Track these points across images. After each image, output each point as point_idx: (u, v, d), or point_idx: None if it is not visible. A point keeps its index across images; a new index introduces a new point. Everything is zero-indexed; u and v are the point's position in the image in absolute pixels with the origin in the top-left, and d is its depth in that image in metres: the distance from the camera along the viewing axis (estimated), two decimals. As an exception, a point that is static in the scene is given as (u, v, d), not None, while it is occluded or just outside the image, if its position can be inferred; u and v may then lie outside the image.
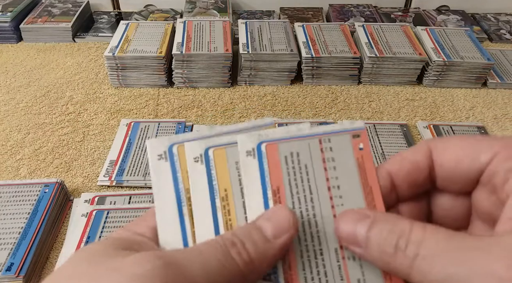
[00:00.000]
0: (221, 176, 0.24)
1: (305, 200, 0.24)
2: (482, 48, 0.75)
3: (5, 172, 0.56)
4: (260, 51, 0.71)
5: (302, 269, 0.23)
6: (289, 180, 0.24)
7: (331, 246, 0.23)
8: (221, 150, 0.24)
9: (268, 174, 0.24)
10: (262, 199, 0.24)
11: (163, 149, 0.24)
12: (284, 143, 0.25)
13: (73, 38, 0.86)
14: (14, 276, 0.42)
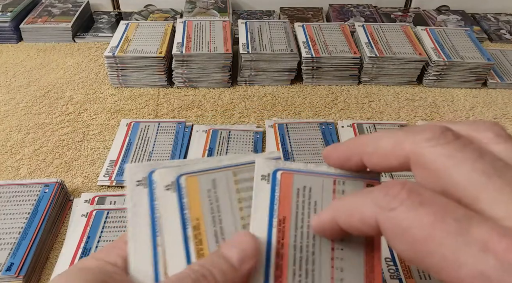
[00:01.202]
0: (193, 205, 0.24)
1: (307, 236, 0.24)
2: (482, 48, 0.75)
3: (5, 172, 0.56)
4: (260, 51, 0.71)
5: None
6: (296, 212, 0.24)
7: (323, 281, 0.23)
8: (193, 177, 0.24)
9: (277, 202, 0.24)
10: (266, 226, 0.24)
11: (143, 175, 0.24)
12: (299, 175, 0.25)
13: (73, 38, 0.86)
14: (14, 276, 0.42)
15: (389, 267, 0.44)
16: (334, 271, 0.24)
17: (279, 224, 0.24)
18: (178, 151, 0.58)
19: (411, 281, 0.43)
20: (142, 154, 0.58)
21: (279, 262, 0.23)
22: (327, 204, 0.24)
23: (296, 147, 0.59)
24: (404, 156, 0.20)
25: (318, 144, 0.60)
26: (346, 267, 0.24)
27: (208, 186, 0.24)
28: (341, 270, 0.24)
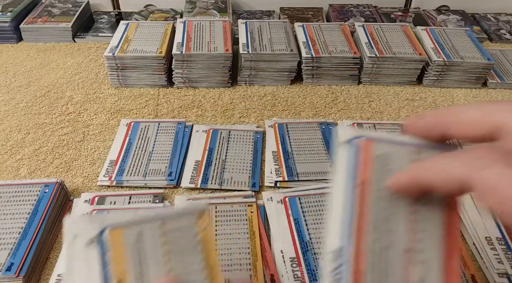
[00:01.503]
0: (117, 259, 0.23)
1: (386, 199, 0.25)
2: (482, 48, 0.75)
3: (5, 172, 0.56)
4: (260, 51, 0.71)
5: (370, 256, 0.24)
6: (375, 177, 0.25)
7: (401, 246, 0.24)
8: (118, 230, 0.24)
9: (358, 166, 0.26)
10: (346, 188, 0.25)
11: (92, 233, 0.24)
12: (380, 143, 0.26)
13: (73, 38, 0.86)
14: (14, 276, 0.42)
15: (389, 267, 0.44)
16: (413, 232, 0.25)
17: (359, 186, 0.25)
18: (178, 151, 0.58)
19: (411, 281, 0.43)
20: (142, 154, 0.58)
21: (359, 221, 0.25)
22: None
23: (296, 147, 0.59)
24: (494, 125, 0.22)
25: (318, 144, 0.60)
26: (424, 229, 0.25)
27: (133, 239, 0.24)
28: (419, 231, 0.25)
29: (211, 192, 0.54)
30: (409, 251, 0.25)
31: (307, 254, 0.45)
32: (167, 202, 0.52)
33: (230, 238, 0.47)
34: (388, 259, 0.24)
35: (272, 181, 0.55)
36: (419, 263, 0.24)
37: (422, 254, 0.25)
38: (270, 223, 0.49)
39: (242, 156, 0.58)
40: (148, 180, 0.54)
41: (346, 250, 0.24)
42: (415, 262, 0.25)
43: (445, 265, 0.25)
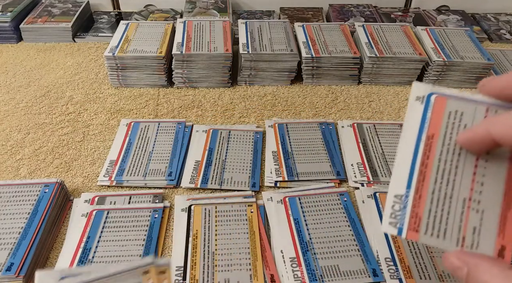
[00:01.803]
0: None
1: (453, 152, 0.27)
2: (482, 48, 0.75)
3: (5, 172, 0.56)
4: (260, 51, 0.71)
5: (429, 203, 0.27)
6: (445, 132, 0.28)
7: (461, 196, 0.27)
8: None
9: (428, 121, 0.28)
10: (415, 140, 0.28)
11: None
12: (453, 100, 0.28)
13: (73, 38, 0.86)
14: (14, 276, 0.42)
15: (389, 267, 0.44)
16: (475, 184, 0.27)
17: (427, 139, 0.28)
18: (178, 151, 0.58)
19: (411, 281, 0.43)
20: (142, 154, 0.58)
21: (423, 170, 0.27)
22: None
23: (296, 147, 0.59)
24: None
25: (318, 144, 0.60)
26: (487, 182, 0.27)
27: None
28: (482, 184, 0.27)
29: (211, 192, 0.54)
30: (468, 201, 0.27)
31: (307, 254, 0.45)
32: (167, 202, 0.52)
33: (230, 238, 0.47)
34: (446, 208, 0.27)
35: (272, 181, 0.55)
36: (476, 213, 0.27)
37: (480, 205, 0.27)
38: (270, 223, 0.49)
39: (242, 156, 0.58)
40: (148, 180, 0.54)
41: (407, 196, 0.27)
42: (472, 211, 0.27)
43: (502, 218, 0.27)
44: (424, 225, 0.27)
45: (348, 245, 0.46)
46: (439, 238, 0.27)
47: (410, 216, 0.27)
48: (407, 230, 0.27)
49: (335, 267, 0.44)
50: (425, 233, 0.26)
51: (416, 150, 0.28)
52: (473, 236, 0.27)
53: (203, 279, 0.43)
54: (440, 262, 0.44)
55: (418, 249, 0.46)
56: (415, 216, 0.27)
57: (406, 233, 0.26)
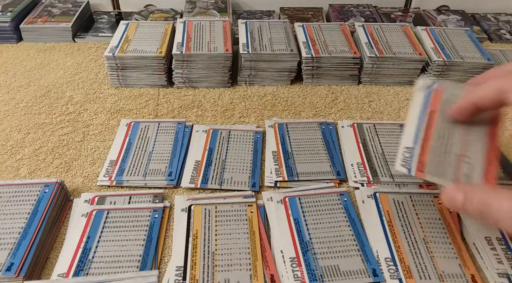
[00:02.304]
0: None
1: (448, 122, 0.40)
2: (482, 48, 0.75)
3: (5, 172, 0.56)
4: (260, 51, 0.71)
5: (432, 154, 0.38)
6: (441, 108, 0.41)
7: (454, 151, 0.39)
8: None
9: (430, 101, 0.42)
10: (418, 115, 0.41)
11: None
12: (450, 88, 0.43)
13: (73, 38, 0.86)
14: (14, 276, 0.42)
15: (389, 267, 0.44)
16: (464, 143, 0.39)
17: (430, 113, 0.41)
18: (178, 151, 0.58)
19: (411, 281, 0.43)
20: (142, 154, 0.58)
21: (427, 132, 0.40)
22: None
23: (296, 147, 0.59)
24: None
25: (318, 144, 0.60)
26: (473, 142, 0.39)
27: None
28: (468, 143, 0.39)
29: (211, 192, 0.54)
30: (460, 156, 0.39)
31: (307, 254, 0.45)
32: (167, 202, 0.52)
33: (230, 238, 0.47)
34: (444, 158, 0.38)
35: (272, 181, 0.55)
36: (466, 164, 0.38)
37: (469, 158, 0.39)
38: (270, 223, 0.49)
39: (242, 156, 0.58)
40: (148, 180, 0.54)
41: (415, 148, 0.39)
42: (463, 163, 0.38)
43: (486, 168, 0.38)
44: (428, 168, 0.37)
45: (348, 245, 0.46)
46: (439, 178, 0.37)
47: (418, 161, 0.38)
48: (415, 170, 0.37)
49: (335, 267, 0.44)
50: (428, 173, 0.37)
51: (422, 119, 0.41)
52: (466, 179, 0.37)
53: (203, 279, 0.43)
54: (440, 262, 0.44)
55: (418, 249, 0.46)
56: (421, 162, 0.38)
57: (414, 172, 0.37)
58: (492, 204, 0.33)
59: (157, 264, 0.45)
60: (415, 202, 0.50)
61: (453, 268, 0.44)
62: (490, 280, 0.44)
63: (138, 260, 0.45)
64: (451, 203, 0.36)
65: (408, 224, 0.48)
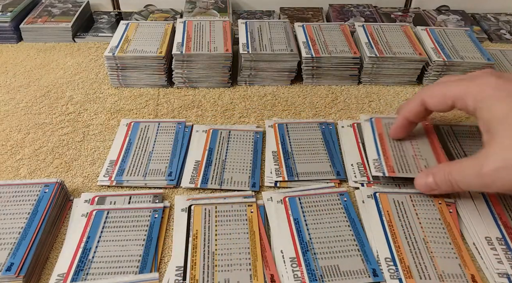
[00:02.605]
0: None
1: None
2: (482, 48, 0.75)
3: (5, 172, 0.56)
4: (260, 51, 0.71)
5: (394, 159, 0.53)
6: (385, 131, 0.57)
7: (409, 154, 0.53)
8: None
9: (376, 128, 0.58)
10: (373, 135, 0.57)
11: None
12: (385, 119, 0.59)
13: (73, 38, 0.86)
14: (14, 276, 0.42)
15: (389, 267, 0.44)
16: (414, 148, 0.54)
17: (378, 135, 0.56)
18: (178, 151, 0.58)
19: (411, 281, 0.43)
20: (142, 154, 0.58)
21: (384, 149, 0.54)
22: None
23: (296, 147, 0.59)
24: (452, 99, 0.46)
25: (318, 144, 0.60)
26: (420, 146, 0.54)
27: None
28: (418, 147, 0.54)
29: (211, 192, 0.54)
30: (415, 156, 0.53)
31: (307, 254, 0.45)
32: (167, 202, 0.52)
33: (230, 238, 0.47)
34: (404, 160, 0.52)
35: (272, 181, 0.55)
36: (422, 160, 0.52)
37: (422, 156, 0.53)
38: (270, 223, 0.49)
39: (242, 156, 0.58)
40: (148, 180, 0.54)
41: (380, 158, 0.53)
42: (420, 160, 0.52)
43: (436, 157, 0.53)
44: (396, 168, 0.52)
45: (348, 245, 0.46)
46: (408, 173, 0.51)
47: (387, 166, 0.52)
48: (388, 172, 0.51)
49: (335, 267, 0.44)
50: (398, 172, 0.51)
51: (375, 139, 0.56)
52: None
53: (203, 279, 0.43)
54: (440, 262, 0.44)
55: (418, 249, 0.46)
56: (389, 166, 0.52)
57: (388, 174, 0.51)
58: (455, 170, 0.43)
59: (157, 264, 0.45)
60: (415, 202, 0.50)
61: (453, 268, 0.44)
62: (490, 280, 0.44)
63: (138, 260, 0.45)
64: (426, 186, 0.47)
65: (408, 224, 0.48)
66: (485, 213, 0.48)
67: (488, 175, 0.38)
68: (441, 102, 0.45)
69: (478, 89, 0.41)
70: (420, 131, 0.56)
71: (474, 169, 0.40)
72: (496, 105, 0.39)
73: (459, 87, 0.43)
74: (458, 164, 0.43)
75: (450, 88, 0.44)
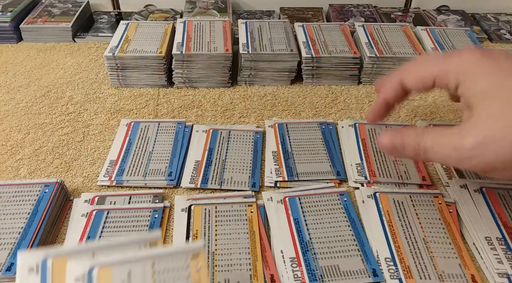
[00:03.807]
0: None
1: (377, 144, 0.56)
2: (482, 48, 0.75)
3: (5, 172, 0.56)
4: (260, 51, 0.71)
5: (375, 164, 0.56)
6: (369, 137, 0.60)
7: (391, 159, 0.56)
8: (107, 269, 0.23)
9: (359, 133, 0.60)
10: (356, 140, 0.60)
11: (36, 262, 0.23)
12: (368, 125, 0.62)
13: (73, 38, 0.86)
14: (14, 276, 0.42)
15: (389, 267, 0.44)
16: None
17: (362, 141, 0.59)
18: (178, 151, 0.58)
19: (411, 281, 0.43)
20: (142, 154, 0.58)
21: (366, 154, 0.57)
22: None
23: (296, 147, 0.59)
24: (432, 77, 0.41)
25: (318, 144, 0.60)
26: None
27: (123, 278, 0.23)
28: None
29: (211, 192, 0.54)
30: (395, 161, 0.55)
31: (307, 254, 0.45)
32: (167, 202, 0.52)
33: (230, 238, 0.47)
34: (385, 164, 0.55)
35: (272, 181, 0.55)
36: (402, 165, 0.55)
37: (402, 161, 0.56)
38: (270, 223, 0.49)
39: (242, 156, 0.58)
40: (148, 180, 0.54)
41: (363, 163, 0.56)
42: (399, 165, 0.55)
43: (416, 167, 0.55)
44: (378, 173, 0.54)
45: (348, 245, 0.46)
46: (386, 178, 0.53)
47: (368, 170, 0.54)
48: (369, 177, 0.54)
49: (335, 267, 0.44)
50: (379, 177, 0.53)
51: (359, 144, 0.59)
52: (405, 174, 0.54)
53: (203, 279, 0.43)
54: (440, 262, 0.44)
55: (418, 249, 0.46)
56: (371, 170, 0.55)
57: (369, 178, 0.54)
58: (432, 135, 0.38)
59: (157, 264, 0.45)
60: (415, 202, 0.50)
61: (453, 268, 0.44)
62: (490, 280, 0.44)
63: (138, 260, 0.45)
64: (390, 145, 0.40)
65: (408, 224, 0.48)
66: (485, 213, 0.48)
67: (467, 149, 0.34)
68: (421, 81, 0.41)
69: (459, 65, 0.38)
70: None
71: (453, 140, 0.36)
72: (478, 80, 0.36)
73: (439, 65, 0.39)
74: (436, 131, 0.38)
75: (430, 66, 0.40)
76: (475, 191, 0.51)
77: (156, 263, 0.24)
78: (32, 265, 0.23)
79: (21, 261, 0.23)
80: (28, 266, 0.23)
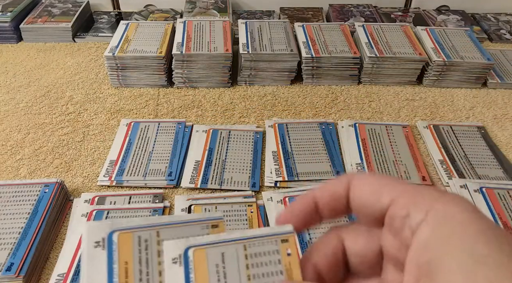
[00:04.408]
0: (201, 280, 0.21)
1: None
2: (482, 48, 0.75)
3: (5, 172, 0.56)
4: (260, 51, 0.71)
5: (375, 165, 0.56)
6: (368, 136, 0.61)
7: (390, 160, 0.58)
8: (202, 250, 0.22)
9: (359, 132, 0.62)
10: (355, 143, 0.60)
11: (102, 235, 0.22)
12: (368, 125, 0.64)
13: (73, 38, 0.86)
14: (14, 276, 0.42)
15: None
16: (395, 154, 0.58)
17: (362, 141, 0.60)
18: (178, 151, 0.58)
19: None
20: (142, 154, 0.58)
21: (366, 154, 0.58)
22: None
23: (296, 147, 0.59)
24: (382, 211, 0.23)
25: (318, 144, 0.60)
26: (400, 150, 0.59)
27: (217, 260, 0.22)
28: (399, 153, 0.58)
29: (211, 192, 0.54)
30: (395, 161, 0.57)
31: (307, 254, 0.45)
32: (167, 202, 0.52)
33: (230, 238, 0.47)
34: (386, 163, 0.56)
35: (272, 181, 0.55)
36: (401, 166, 0.56)
37: (402, 161, 0.56)
38: (270, 223, 0.49)
39: (242, 156, 0.58)
40: (148, 180, 0.54)
41: (363, 163, 0.56)
42: (399, 165, 0.56)
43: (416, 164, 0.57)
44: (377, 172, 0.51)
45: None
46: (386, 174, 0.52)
47: (368, 170, 0.54)
48: None
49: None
50: None
51: (359, 144, 0.59)
52: (405, 174, 0.55)
53: (203, 279, 0.43)
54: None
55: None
56: (371, 170, 0.55)
57: None
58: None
59: (157, 264, 0.45)
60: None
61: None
62: (490, 280, 0.44)
63: (138, 260, 0.45)
64: None
65: (408, 224, 0.48)
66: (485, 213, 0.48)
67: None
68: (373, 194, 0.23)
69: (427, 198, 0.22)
70: (400, 137, 0.60)
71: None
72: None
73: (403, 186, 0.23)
74: None
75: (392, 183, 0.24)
76: (475, 191, 0.51)
77: (248, 246, 0.24)
78: (98, 239, 0.22)
79: (87, 234, 0.22)
80: (94, 240, 0.22)
